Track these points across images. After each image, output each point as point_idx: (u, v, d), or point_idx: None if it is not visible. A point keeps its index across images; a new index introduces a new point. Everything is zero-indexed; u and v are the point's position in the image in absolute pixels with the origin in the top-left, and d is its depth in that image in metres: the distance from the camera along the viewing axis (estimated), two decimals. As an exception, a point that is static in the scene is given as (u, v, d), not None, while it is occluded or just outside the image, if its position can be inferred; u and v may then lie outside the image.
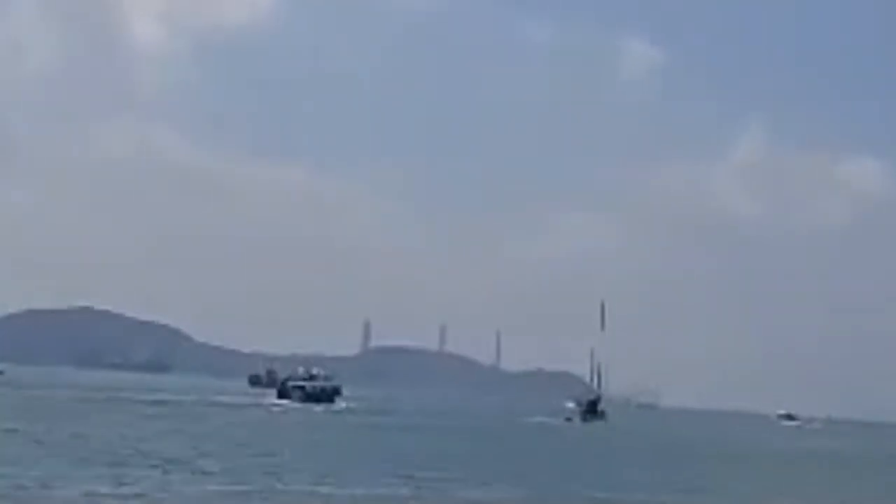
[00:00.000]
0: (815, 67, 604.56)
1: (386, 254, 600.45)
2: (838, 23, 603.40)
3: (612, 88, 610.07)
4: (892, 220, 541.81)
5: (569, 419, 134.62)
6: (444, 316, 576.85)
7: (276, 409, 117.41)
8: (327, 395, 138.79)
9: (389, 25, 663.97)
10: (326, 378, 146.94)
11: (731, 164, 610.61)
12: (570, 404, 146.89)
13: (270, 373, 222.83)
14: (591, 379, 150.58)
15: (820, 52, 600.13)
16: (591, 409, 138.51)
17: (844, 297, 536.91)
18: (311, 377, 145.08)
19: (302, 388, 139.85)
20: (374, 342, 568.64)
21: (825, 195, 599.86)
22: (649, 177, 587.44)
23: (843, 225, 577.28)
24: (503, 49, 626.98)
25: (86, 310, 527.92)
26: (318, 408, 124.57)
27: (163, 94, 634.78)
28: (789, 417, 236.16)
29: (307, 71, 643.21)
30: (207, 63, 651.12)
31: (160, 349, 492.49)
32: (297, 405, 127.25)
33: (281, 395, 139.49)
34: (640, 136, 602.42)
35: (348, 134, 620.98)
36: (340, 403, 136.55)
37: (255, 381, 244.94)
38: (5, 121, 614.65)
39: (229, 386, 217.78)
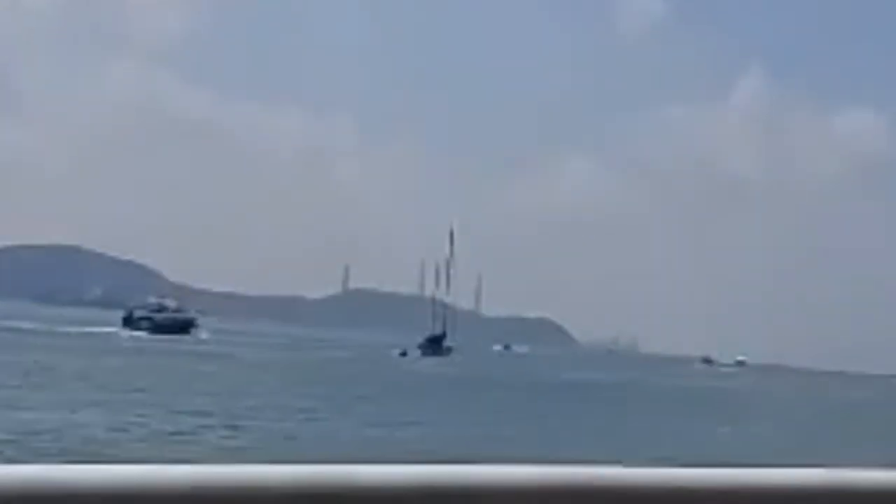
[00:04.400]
0: (815, 16, 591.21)
1: (370, 196, 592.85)
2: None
3: (612, 34, 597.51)
4: (889, 174, 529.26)
5: (403, 353, 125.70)
6: (427, 260, 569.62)
7: (101, 337, 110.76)
8: (178, 327, 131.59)
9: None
10: (179, 310, 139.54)
11: (728, 112, 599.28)
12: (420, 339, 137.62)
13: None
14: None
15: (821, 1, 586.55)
16: (433, 345, 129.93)
17: (837, 249, 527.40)
18: (162, 308, 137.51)
19: (150, 318, 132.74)
20: (354, 284, 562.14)
21: (821, 147, 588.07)
22: (644, 123, 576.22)
23: (838, 177, 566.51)
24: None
25: (65, 248, 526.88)
26: (164, 338, 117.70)
27: (161, 38, 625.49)
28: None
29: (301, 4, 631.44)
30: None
31: (121, 287, 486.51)
32: (144, 336, 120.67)
33: (126, 324, 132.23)
34: (637, 83, 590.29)
35: (339, 74, 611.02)
36: (198, 335, 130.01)
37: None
38: (4, 64, 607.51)
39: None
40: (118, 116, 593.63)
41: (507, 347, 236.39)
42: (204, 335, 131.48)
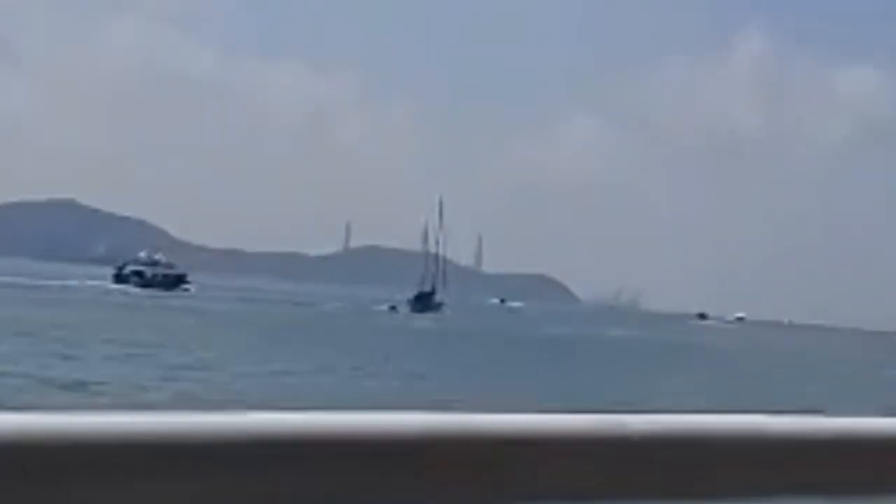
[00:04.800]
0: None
1: (373, 154, 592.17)
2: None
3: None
4: (890, 133, 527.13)
5: (393, 308, 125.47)
6: (429, 218, 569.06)
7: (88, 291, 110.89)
8: (168, 283, 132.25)
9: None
10: (169, 265, 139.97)
11: (730, 69, 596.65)
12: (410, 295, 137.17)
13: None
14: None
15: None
16: (423, 300, 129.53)
17: (836, 210, 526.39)
18: (154, 263, 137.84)
19: (140, 273, 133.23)
20: (357, 242, 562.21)
21: (823, 105, 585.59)
22: (646, 82, 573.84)
23: (840, 137, 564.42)
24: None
25: (66, 203, 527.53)
26: (150, 293, 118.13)
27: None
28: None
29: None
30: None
31: (123, 243, 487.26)
32: (130, 290, 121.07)
33: (118, 280, 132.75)
34: (639, 41, 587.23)
35: (343, 31, 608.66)
36: (187, 291, 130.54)
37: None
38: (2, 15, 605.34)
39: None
40: (120, 74, 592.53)
41: (502, 302, 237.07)
42: (193, 290, 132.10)
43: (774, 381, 55.24)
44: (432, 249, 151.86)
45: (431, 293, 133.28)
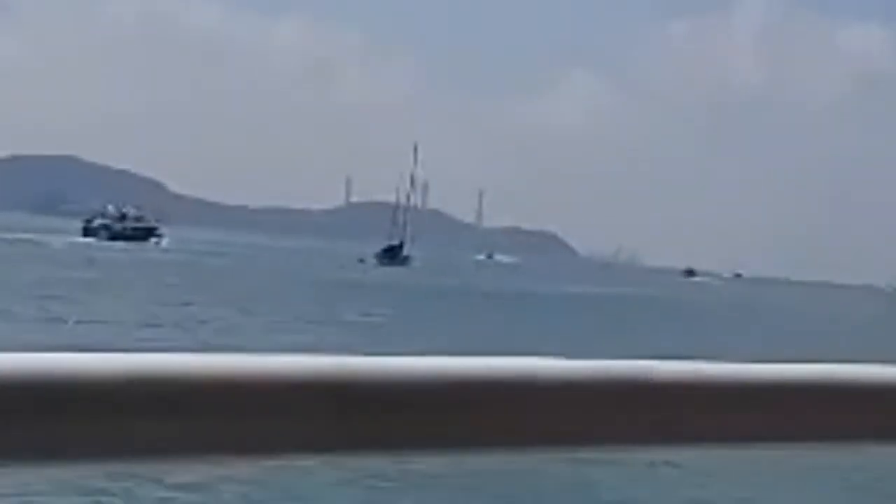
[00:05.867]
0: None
1: (375, 109, 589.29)
2: None
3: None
4: (892, 91, 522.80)
5: (361, 261, 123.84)
6: (429, 172, 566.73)
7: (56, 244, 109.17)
8: (139, 236, 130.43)
9: None
10: (139, 218, 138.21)
11: (734, 27, 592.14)
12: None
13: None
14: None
15: None
16: (389, 253, 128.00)
17: (838, 167, 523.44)
18: (122, 216, 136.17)
19: (108, 227, 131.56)
20: (360, 197, 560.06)
21: (826, 62, 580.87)
22: (647, 40, 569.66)
23: (842, 94, 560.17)
24: None
25: (65, 158, 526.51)
26: (121, 246, 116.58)
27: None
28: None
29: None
30: None
31: (121, 197, 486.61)
32: (93, 243, 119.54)
33: (86, 233, 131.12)
34: (642, 1, 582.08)
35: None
36: (159, 244, 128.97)
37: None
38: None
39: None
40: (121, 29, 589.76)
41: (489, 257, 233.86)
42: (164, 244, 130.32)
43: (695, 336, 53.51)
44: (403, 201, 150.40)
45: (400, 246, 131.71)
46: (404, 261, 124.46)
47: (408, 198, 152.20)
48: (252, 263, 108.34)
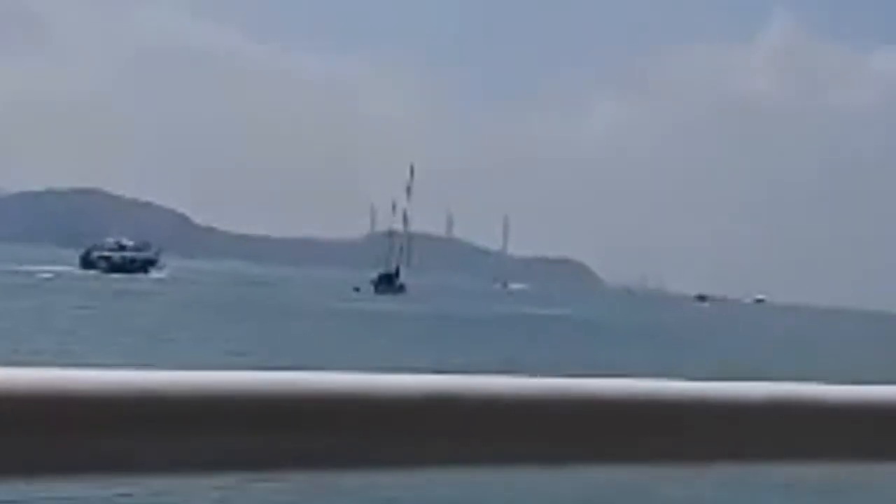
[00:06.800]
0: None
1: (398, 136, 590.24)
2: None
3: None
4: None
5: (357, 289, 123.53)
6: (453, 201, 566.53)
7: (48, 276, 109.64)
8: (137, 267, 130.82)
9: None
10: (138, 249, 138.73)
11: (760, 49, 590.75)
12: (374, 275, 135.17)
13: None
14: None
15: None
16: (385, 281, 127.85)
17: (864, 190, 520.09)
18: (121, 247, 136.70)
19: (107, 258, 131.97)
20: (381, 227, 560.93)
21: (853, 85, 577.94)
22: (673, 60, 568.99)
23: (866, 114, 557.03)
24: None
25: (89, 192, 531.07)
26: (118, 277, 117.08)
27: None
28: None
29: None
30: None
31: (145, 230, 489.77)
32: (92, 274, 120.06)
33: (85, 264, 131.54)
34: (666, 20, 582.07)
35: (367, 11, 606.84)
36: (156, 275, 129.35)
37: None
38: (36, 5, 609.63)
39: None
40: (145, 63, 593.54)
41: (504, 285, 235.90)
42: (162, 275, 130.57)
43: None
44: (399, 227, 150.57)
45: (395, 274, 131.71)
46: (399, 289, 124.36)
47: (404, 222, 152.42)
48: (229, 291, 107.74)
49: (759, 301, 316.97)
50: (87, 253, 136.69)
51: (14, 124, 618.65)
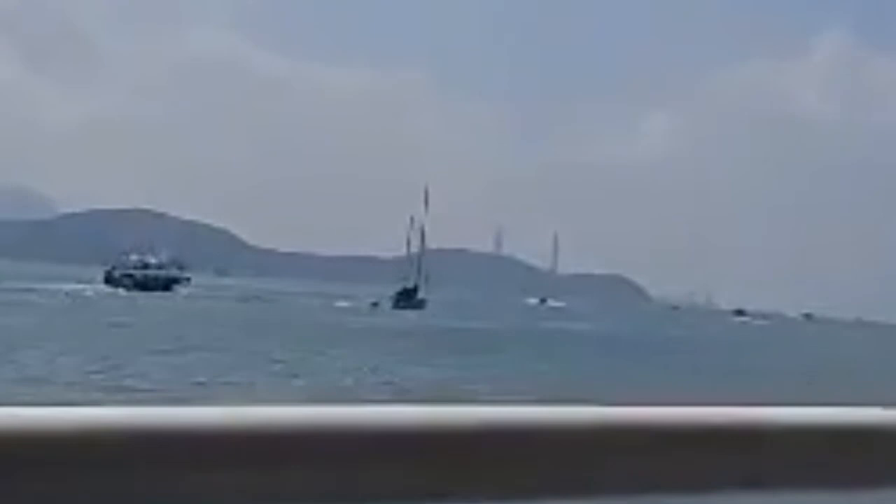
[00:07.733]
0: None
1: (445, 152, 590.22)
2: None
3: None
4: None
5: (375, 304, 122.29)
6: (502, 217, 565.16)
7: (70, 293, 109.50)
8: (161, 284, 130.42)
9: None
10: (161, 266, 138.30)
11: (811, 64, 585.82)
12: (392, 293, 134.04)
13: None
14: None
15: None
16: (404, 297, 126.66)
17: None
18: (145, 265, 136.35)
19: (130, 276, 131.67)
20: (429, 244, 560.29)
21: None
22: (724, 76, 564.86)
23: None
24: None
25: (143, 212, 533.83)
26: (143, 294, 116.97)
27: (236, 6, 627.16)
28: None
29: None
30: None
31: (194, 249, 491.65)
32: (118, 292, 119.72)
33: (109, 282, 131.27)
34: (720, 34, 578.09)
35: (412, 25, 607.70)
36: (181, 291, 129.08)
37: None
38: (86, 26, 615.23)
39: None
40: (190, 83, 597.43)
41: (542, 301, 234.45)
42: (185, 292, 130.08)
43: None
44: (417, 244, 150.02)
45: (414, 290, 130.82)
46: (419, 304, 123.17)
47: (421, 239, 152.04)
48: (232, 307, 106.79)
49: (807, 316, 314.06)
50: (111, 271, 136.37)
51: (65, 144, 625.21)
